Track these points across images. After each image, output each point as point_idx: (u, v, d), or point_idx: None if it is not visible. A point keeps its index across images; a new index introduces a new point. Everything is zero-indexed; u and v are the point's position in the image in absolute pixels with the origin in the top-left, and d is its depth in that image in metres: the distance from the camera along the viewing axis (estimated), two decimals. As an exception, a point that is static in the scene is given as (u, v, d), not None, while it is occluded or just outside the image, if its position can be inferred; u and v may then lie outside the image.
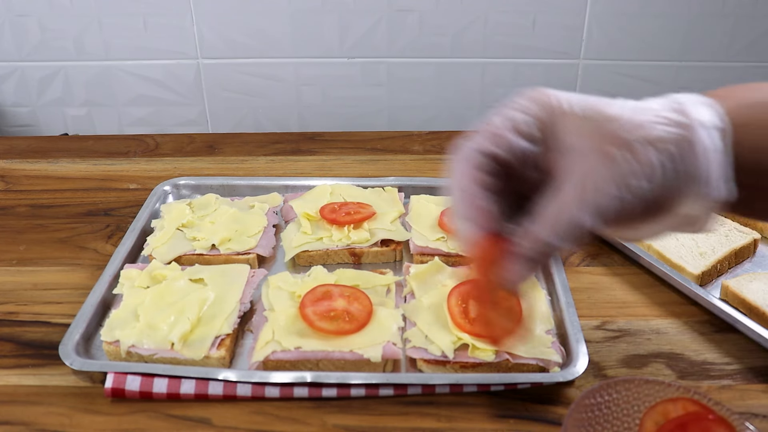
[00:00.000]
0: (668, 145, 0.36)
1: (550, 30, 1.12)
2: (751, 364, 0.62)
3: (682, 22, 1.10)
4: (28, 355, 0.64)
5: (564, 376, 0.58)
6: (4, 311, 0.69)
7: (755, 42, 1.11)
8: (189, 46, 1.14)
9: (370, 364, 0.59)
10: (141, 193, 0.91)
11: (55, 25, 1.13)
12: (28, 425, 0.56)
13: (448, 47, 1.14)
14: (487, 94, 1.18)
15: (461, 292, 0.64)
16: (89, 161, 1.00)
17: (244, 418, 0.57)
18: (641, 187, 0.36)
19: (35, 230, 0.83)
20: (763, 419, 0.57)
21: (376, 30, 1.12)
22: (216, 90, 1.19)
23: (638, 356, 0.63)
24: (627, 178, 0.36)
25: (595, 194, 0.37)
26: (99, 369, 0.59)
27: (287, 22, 1.12)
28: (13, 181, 0.95)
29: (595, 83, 1.16)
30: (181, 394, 0.58)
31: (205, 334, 0.61)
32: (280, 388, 0.58)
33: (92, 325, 0.65)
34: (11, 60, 1.16)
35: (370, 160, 1.00)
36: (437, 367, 0.60)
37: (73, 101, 1.20)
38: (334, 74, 1.16)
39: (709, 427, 0.46)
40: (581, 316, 0.66)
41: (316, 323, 0.61)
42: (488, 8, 1.10)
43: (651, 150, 0.36)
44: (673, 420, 0.47)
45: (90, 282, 0.71)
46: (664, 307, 0.69)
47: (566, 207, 0.38)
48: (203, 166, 0.98)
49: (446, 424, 0.56)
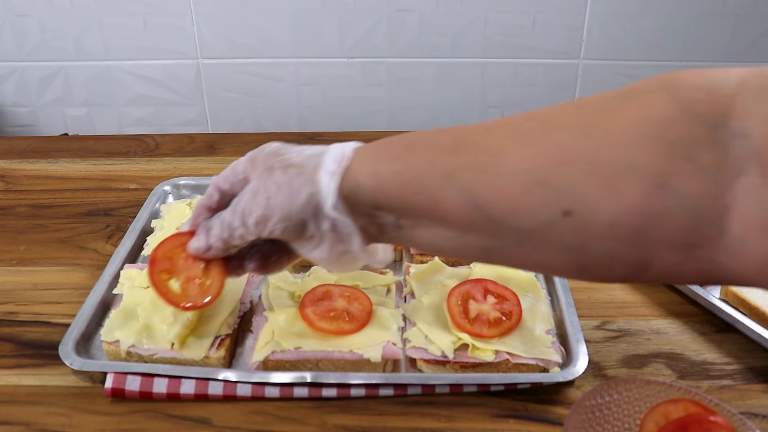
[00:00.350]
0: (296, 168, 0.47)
1: (550, 30, 1.12)
2: (751, 364, 0.62)
3: (682, 22, 1.10)
4: (28, 355, 0.64)
5: (564, 376, 0.58)
6: (4, 311, 0.69)
7: (755, 42, 1.11)
8: (189, 46, 1.14)
9: (370, 364, 0.59)
10: (141, 193, 0.91)
11: (55, 25, 1.13)
12: (28, 425, 0.57)
13: (448, 47, 1.13)
14: (487, 94, 1.18)
15: (461, 292, 0.64)
16: (89, 161, 1.00)
17: (244, 418, 0.57)
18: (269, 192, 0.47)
19: (35, 230, 0.83)
20: (763, 419, 0.57)
21: (376, 30, 1.12)
22: (216, 90, 1.19)
23: (638, 356, 0.63)
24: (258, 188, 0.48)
25: (243, 201, 0.49)
26: (99, 369, 0.59)
27: (287, 22, 1.12)
28: (13, 181, 0.95)
29: (595, 83, 1.16)
30: (181, 394, 0.58)
31: (205, 334, 0.61)
32: (280, 388, 0.58)
33: (92, 325, 0.65)
34: (11, 60, 1.16)
35: (370, 160, 0.99)
36: (437, 367, 0.60)
37: (73, 101, 1.20)
38: (334, 74, 1.16)
39: (710, 428, 0.46)
40: (581, 316, 0.66)
41: (316, 323, 0.61)
42: (488, 8, 1.10)
43: (279, 172, 0.47)
44: (674, 421, 0.47)
45: (90, 282, 0.71)
46: (664, 307, 0.69)
47: (227, 210, 0.51)
48: (203, 166, 0.98)
49: (446, 424, 0.56)
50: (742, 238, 0.33)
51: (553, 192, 0.36)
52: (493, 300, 0.63)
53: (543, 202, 0.36)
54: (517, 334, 0.61)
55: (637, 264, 0.36)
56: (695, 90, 0.34)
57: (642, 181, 0.34)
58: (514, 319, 0.62)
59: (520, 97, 1.17)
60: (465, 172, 0.39)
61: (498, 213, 0.38)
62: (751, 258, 0.33)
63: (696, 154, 0.33)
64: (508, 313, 0.62)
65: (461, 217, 0.40)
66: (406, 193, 0.42)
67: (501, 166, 0.38)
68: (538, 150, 0.37)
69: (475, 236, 0.41)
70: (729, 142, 0.33)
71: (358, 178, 0.44)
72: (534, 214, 0.37)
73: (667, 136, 0.34)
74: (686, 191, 0.33)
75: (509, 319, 0.62)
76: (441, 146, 0.41)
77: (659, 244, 0.35)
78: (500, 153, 0.38)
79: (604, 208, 0.35)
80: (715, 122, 0.33)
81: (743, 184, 0.32)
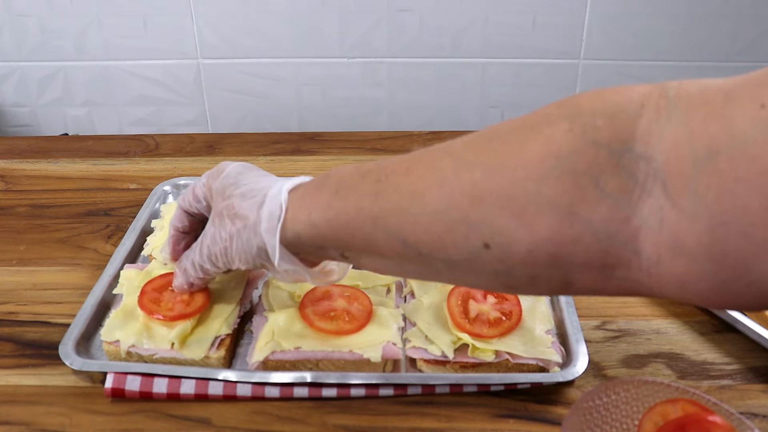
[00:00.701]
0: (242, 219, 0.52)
1: (550, 30, 1.12)
2: (751, 364, 0.62)
3: (682, 22, 1.10)
4: (28, 355, 0.64)
5: (564, 376, 0.58)
6: (4, 311, 0.69)
7: (755, 42, 1.11)
8: (189, 46, 1.14)
9: (370, 364, 0.59)
10: (141, 193, 0.91)
11: (55, 25, 1.13)
12: (28, 425, 0.57)
13: (448, 47, 1.13)
14: (487, 94, 1.18)
15: (461, 292, 0.64)
16: (89, 161, 1.00)
17: (244, 418, 0.57)
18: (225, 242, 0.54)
19: (35, 230, 0.83)
20: (763, 419, 0.57)
21: (376, 30, 1.12)
22: (216, 90, 1.19)
23: (638, 356, 0.63)
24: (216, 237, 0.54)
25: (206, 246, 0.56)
26: (99, 369, 0.60)
27: (287, 22, 1.12)
28: (13, 181, 0.95)
29: (595, 83, 1.16)
30: (181, 394, 0.58)
31: (205, 334, 0.61)
32: (280, 388, 0.58)
33: (92, 325, 0.65)
34: (11, 60, 1.16)
35: (370, 160, 0.98)
36: (437, 367, 0.60)
37: (73, 101, 1.20)
38: (334, 74, 1.16)
39: (709, 427, 0.46)
40: (581, 316, 0.66)
41: (316, 323, 0.61)
42: (488, 8, 1.10)
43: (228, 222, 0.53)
44: (672, 421, 0.47)
45: (90, 282, 0.71)
46: (664, 307, 0.69)
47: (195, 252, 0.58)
48: (203, 166, 0.98)
49: (446, 424, 0.56)
50: (656, 260, 0.34)
51: (473, 228, 0.39)
52: (493, 300, 0.63)
53: (465, 237, 0.39)
54: (517, 334, 0.61)
55: (560, 282, 0.38)
56: (597, 117, 0.35)
57: (551, 213, 0.36)
58: (514, 319, 0.62)
59: (520, 97, 1.17)
60: (390, 216, 0.43)
61: (426, 249, 0.41)
62: (667, 278, 0.34)
63: (602, 181, 0.34)
64: (508, 313, 0.62)
65: (395, 254, 0.44)
66: (342, 237, 0.46)
67: (422, 208, 0.41)
68: (453, 188, 0.39)
69: (411, 265, 0.44)
70: (633, 166, 0.34)
71: (296, 229, 0.49)
72: (458, 249, 0.40)
73: (572, 167, 0.35)
74: (595, 218, 0.35)
75: (509, 319, 0.62)
76: (365, 191, 0.44)
77: (576, 267, 0.37)
78: (420, 194, 0.41)
79: (520, 239, 0.37)
80: (619, 148, 0.34)
81: (650, 206, 0.33)
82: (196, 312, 0.62)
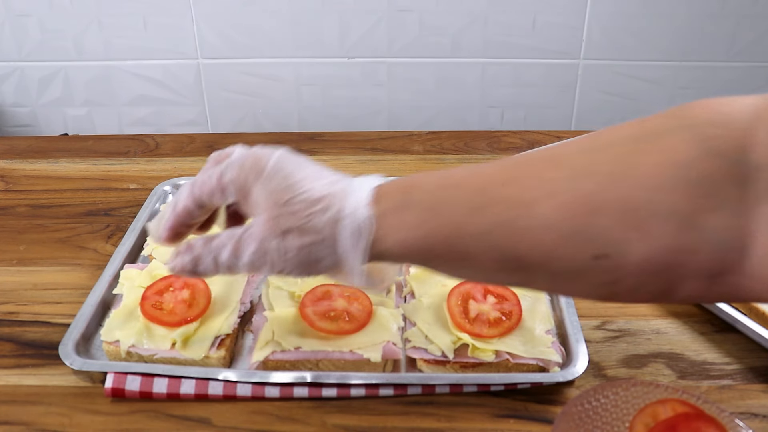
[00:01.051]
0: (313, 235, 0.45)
1: (550, 30, 1.12)
2: (751, 364, 0.62)
3: (682, 22, 1.10)
4: (28, 355, 0.64)
5: (564, 376, 0.58)
6: (4, 311, 0.69)
7: (755, 42, 1.11)
8: (189, 46, 1.14)
9: (370, 364, 0.59)
10: (141, 193, 0.91)
11: (55, 25, 1.13)
12: (28, 425, 0.57)
13: (448, 47, 1.14)
14: (487, 94, 1.18)
15: (461, 292, 0.64)
16: (89, 161, 1.00)
17: (244, 418, 0.57)
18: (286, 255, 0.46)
19: (35, 230, 0.83)
20: (763, 419, 0.57)
21: (376, 30, 1.12)
22: (216, 90, 1.19)
23: (638, 356, 0.63)
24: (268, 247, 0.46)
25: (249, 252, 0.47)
26: (99, 369, 0.59)
27: (287, 22, 1.12)
28: (13, 181, 0.95)
29: (595, 83, 1.16)
30: (181, 394, 0.58)
31: (205, 334, 0.61)
32: (280, 388, 0.58)
33: (92, 325, 0.65)
34: (11, 60, 1.16)
35: (370, 160, 1.00)
36: (437, 367, 0.60)
37: (73, 101, 1.20)
38: (334, 74, 1.17)
39: (699, 427, 0.46)
40: (581, 316, 0.66)
41: (316, 323, 0.61)
42: (488, 8, 1.10)
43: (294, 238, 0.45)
44: (662, 422, 0.47)
45: (90, 282, 0.71)
46: (664, 307, 0.69)
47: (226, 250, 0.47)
48: (203, 166, 0.98)
49: (446, 424, 0.56)
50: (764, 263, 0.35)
51: (586, 240, 0.38)
52: (493, 300, 0.63)
53: (576, 249, 0.38)
54: (517, 334, 0.61)
55: (663, 291, 0.38)
56: (714, 127, 0.36)
57: (670, 223, 0.36)
58: (514, 319, 0.62)
59: (520, 97, 1.17)
60: (495, 229, 0.40)
61: (532, 262, 0.40)
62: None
63: (719, 190, 0.35)
64: (508, 313, 0.62)
65: (491, 266, 0.41)
66: (434, 254, 0.43)
67: (530, 220, 0.39)
68: (566, 200, 0.38)
69: (504, 275, 0.42)
70: (749, 175, 0.35)
71: (382, 248, 0.44)
72: (567, 261, 0.39)
73: (691, 176, 0.35)
74: (712, 226, 0.35)
75: (509, 319, 0.62)
76: (465, 206, 0.42)
77: (687, 275, 0.37)
78: (527, 206, 0.39)
79: (635, 250, 0.36)
80: (736, 158, 0.35)
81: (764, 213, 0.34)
82: (198, 316, 0.62)
